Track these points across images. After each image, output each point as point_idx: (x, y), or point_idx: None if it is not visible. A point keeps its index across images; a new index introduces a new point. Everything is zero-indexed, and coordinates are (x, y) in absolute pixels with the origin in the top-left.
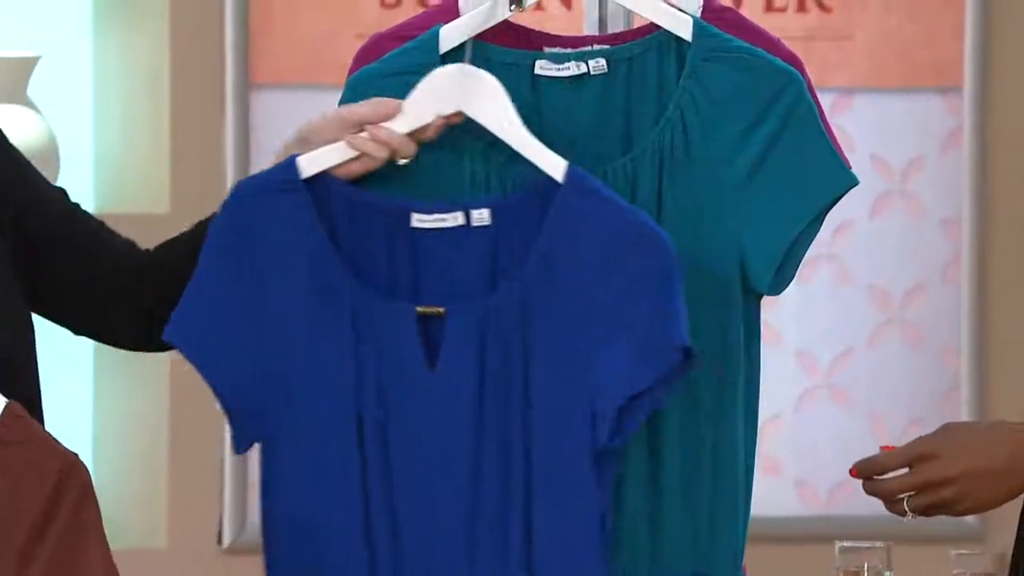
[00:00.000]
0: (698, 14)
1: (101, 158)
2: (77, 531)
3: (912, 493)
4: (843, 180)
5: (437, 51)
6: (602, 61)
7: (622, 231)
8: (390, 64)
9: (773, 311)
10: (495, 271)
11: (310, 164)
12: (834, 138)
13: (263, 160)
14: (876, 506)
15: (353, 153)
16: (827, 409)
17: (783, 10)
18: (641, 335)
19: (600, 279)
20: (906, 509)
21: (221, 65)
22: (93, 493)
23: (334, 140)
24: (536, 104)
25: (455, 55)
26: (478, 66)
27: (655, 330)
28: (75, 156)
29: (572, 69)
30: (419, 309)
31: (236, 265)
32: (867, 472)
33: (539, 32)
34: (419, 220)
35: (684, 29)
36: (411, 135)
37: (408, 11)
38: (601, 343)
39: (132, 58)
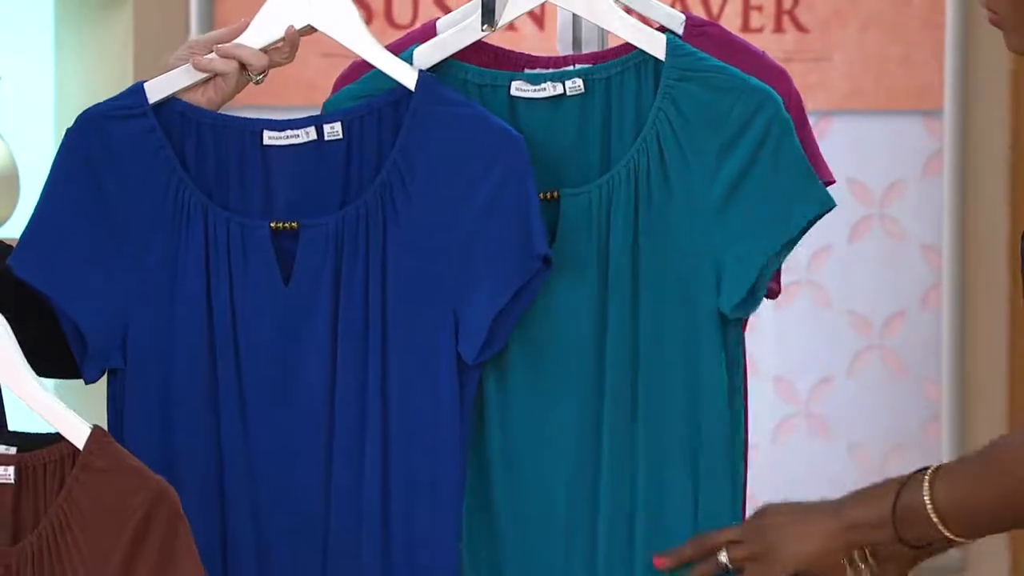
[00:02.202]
0: (680, 30)
1: None
2: (170, 557)
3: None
4: (819, 202)
5: None
6: (579, 82)
7: (476, 138)
8: (367, 85)
9: (750, 337)
10: (349, 184)
11: (157, 89)
12: (819, 154)
13: None
14: None
15: (200, 75)
16: (805, 438)
17: (760, 30)
18: (502, 245)
19: (457, 190)
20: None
21: None
22: (184, 519)
23: None
24: (513, 125)
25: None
26: (454, 87)
27: (516, 240)
28: (36, 179)
29: (548, 90)
30: (272, 224)
31: (81, 193)
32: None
33: (517, 53)
34: (271, 137)
35: (657, 48)
36: (264, 51)
37: (377, 31)
38: (462, 254)
39: (94, 80)
